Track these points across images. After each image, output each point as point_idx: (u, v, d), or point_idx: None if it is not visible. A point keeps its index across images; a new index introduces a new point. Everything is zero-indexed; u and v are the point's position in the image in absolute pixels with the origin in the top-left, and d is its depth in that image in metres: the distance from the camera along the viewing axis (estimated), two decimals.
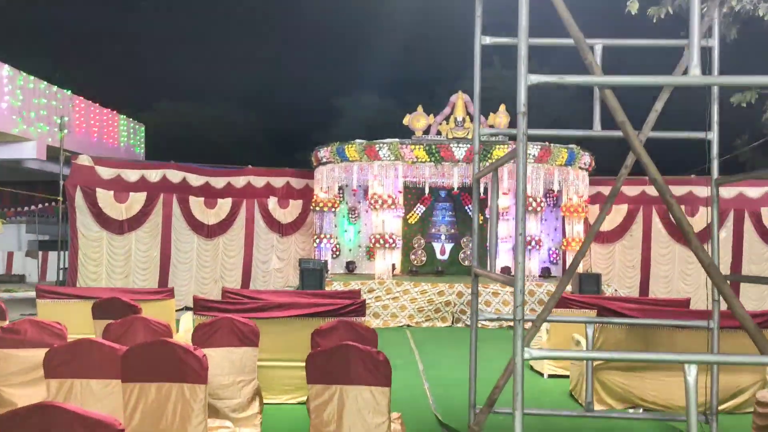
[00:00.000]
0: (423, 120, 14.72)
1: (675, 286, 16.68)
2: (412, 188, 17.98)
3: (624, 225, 17.06)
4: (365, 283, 14.23)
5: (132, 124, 18.16)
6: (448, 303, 14.14)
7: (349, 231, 17.98)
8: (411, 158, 14.12)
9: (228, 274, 16.67)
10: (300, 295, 8.67)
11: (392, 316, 14.08)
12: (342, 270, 17.48)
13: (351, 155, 14.45)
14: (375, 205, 14.36)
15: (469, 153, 13.99)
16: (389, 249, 14.52)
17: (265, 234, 17.06)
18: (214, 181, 16.64)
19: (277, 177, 17.34)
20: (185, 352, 3.65)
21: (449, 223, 18.06)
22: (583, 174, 15.26)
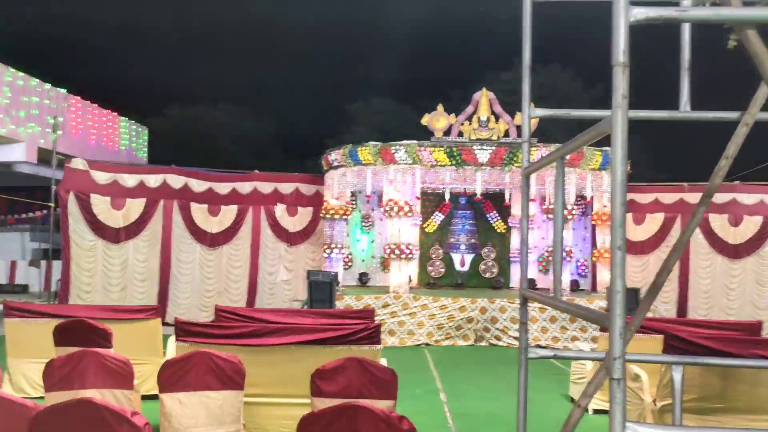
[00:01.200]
0: (444, 120, 13.54)
1: (717, 302, 15.31)
2: (430, 194, 16.82)
3: (660, 235, 15.73)
4: (379, 297, 13.04)
5: (134, 127, 17.17)
6: (470, 320, 12.91)
7: (362, 240, 16.82)
8: (430, 161, 12.94)
9: (233, 286, 15.54)
10: (304, 314, 7.50)
11: (409, 334, 12.87)
12: (354, 282, 16.32)
13: (365, 158, 13.30)
14: (390, 213, 13.18)
15: (494, 156, 12.79)
16: (405, 260, 13.32)
17: (272, 243, 15.94)
18: (218, 187, 15.55)
19: (285, 183, 16.22)
20: (118, 419, 2.50)
21: (469, 232, 16.84)
22: None
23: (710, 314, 15.30)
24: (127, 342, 7.45)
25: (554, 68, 27.91)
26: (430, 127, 13.65)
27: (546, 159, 3.49)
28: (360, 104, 32.30)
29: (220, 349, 5.70)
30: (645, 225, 15.87)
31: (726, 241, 15.14)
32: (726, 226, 15.18)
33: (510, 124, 13.69)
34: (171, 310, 14.81)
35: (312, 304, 12.36)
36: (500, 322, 12.85)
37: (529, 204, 3.79)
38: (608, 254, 14.31)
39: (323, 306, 12.32)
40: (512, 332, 12.79)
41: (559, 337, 12.77)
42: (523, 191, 3.94)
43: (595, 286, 16.35)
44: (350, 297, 13.04)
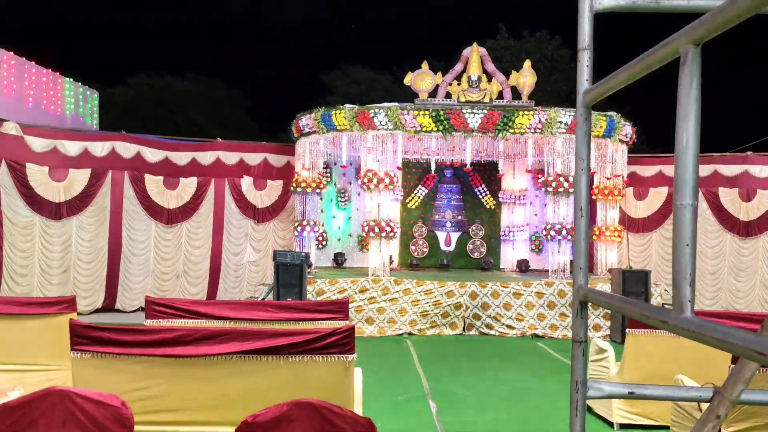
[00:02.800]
0: (429, 79, 11.93)
1: (725, 284, 14.05)
2: (412, 166, 15.28)
3: (663, 211, 14.38)
4: (356, 280, 11.52)
5: (81, 89, 15.30)
6: (458, 306, 11.47)
7: (338, 217, 15.25)
8: (413, 126, 11.36)
9: (193, 268, 13.92)
10: (262, 308, 5.94)
11: (389, 322, 11.41)
12: (329, 263, 14.79)
13: (339, 123, 11.69)
14: (369, 185, 11.62)
15: (486, 121, 11.25)
16: (386, 238, 11.80)
17: (237, 220, 14.31)
18: (176, 157, 13.85)
19: (252, 153, 14.56)
20: None
21: (456, 208, 15.35)
22: (623, 149, 12.55)
23: (718, 297, 14.06)
24: (34, 343, 5.88)
25: (541, 36, 26.34)
26: (414, 87, 12.04)
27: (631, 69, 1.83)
28: (335, 74, 30.47)
29: (133, 363, 4.14)
30: (648, 200, 14.51)
31: (737, 218, 13.84)
32: (737, 200, 13.86)
33: (504, 84, 12.13)
34: (122, 295, 13.17)
35: (279, 289, 10.82)
36: (492, 309, 11.43)
37: (588, 146, 2.20)
38: (609, 232, 12.94)
39: (291, 292, 10.80)
40: (505, 320, 11.39)
41: (558, 324, 11.39)
42: (579, 129, 2.36)
43: (591, 266, 15.01)
44: (323, 281, 11.51)
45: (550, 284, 11.49)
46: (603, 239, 13.10)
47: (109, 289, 13.01)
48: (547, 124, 11.23)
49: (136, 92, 31.16)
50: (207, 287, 14.01)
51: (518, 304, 11.47)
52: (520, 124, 11.25)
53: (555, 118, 11.22)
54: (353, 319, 11.36)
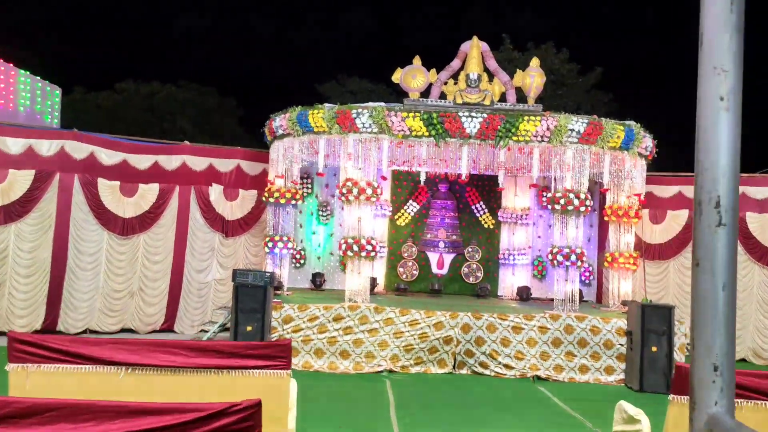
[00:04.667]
0: (421, 76, 10.39)
1: (752, 320, 12.41)
2: (403, 178, 13.72)
3: (683, 237, 12.79)
4: (330, 307, 9.90)
5: (40, 84, 13.79)
6: (448, 340, 9.83)
7: (319, 233, 13.67)
8: (401, 130, 9.81)
9: (150, 285, 12.28)
10: (170, 351, 4.33)
11: (367, 357, 9.77)
12: (307, 284, 13.19)
13: (317, 124, 10.15)
14: (348, 197, 10.04)
15: (486, 126, 9.70)
16: (367, 259, 10.20)
17: (203, 233, 12.70)
18: (136, 160, 12.28)
19: (223, 158, 13.01)
20: None
21: (450, 226, 13.77)
22: (642, 164, 10.98)
23: (743, 336, 12.41)
24: None
25: (547, 49, 24.90)
26: (404, 85, 10.51)
27: None
28: (330, 85, 29.03)
29: None
30: (665, 224, 12.92)
31: (766, 246, 12.23)
32: (767, 227, 12.27)
33: (508, 85, 10.60)
34: (65, 315, 11.54)
35: (238, 315, 9.20)
36: (487, 344, 9.79)
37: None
38: (624, 259, 11.34)
39: (252, 318, 9.20)
40: (502, 358, 9.74)
41: (564, 365, 9.74)
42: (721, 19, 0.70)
43: (600, 296, 13.40)
44: (292, 306, 9.89)
45: (556, 317, 9.86)
46: (616, 267, 11.48)
47: (50, 308, 11.37)
48: (556, 132, 9.68)
49: (123, 97, 29.80)
50: (165, 308, 12.37)
51: (518, 340, 9.83)
52: (524, 131, 9.70)
53: (565, 125, 9.67)
54: (325, 353, 9.73)
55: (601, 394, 9.00)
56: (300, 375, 9.25)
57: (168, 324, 12.45)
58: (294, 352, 9.71)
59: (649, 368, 9.12)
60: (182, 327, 12.45)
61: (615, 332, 9.76)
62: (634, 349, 9.36)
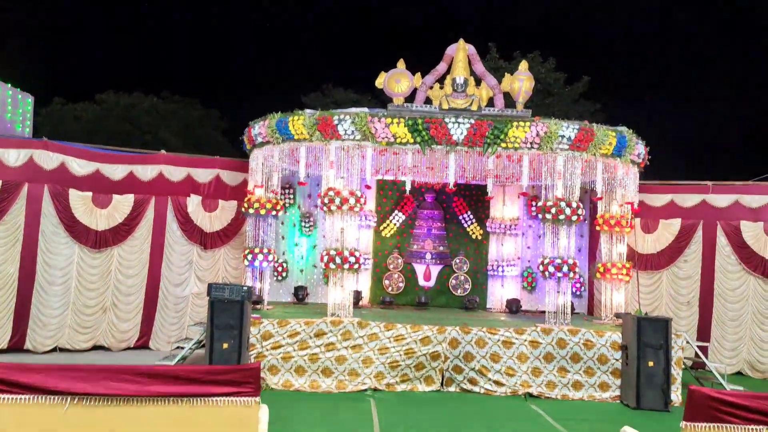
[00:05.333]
0: (405, 81, 9.99)
1: (748, 332, 12.07)
2: (389, 188, 13.31)
3: (676, 246, 12.46)
4: (311, 322, 9.43)
5: (11, 92, 13.25)
6: (436, 355, 9.38)
7: (302, 245, 13.21)
8: (385, 137, 9.40)
9: (123, 300, 11.75)
10: (124, 378, 3.85)
11: (351, 375, 9.29)
12: (289, 298, 12.72)
13: (297, 132, 9.72)
14: (330, 206, 9.60)
15: (473, 132, 9.32)
16: (350, 271, 9.74)
17: (181, 246, 12.21)
18: (109, 170, 11.79)
19: (202, 168, 12.55)
20: None
21: (437, 237, 13.36)
22: (634, 171, 10.64)
23: (739, 348, 12.07)
24: None
25: (534, 58, 24.67)
26: (387, 90, 10.10)
27: None
28: (315, 96, 28.67)
29: None
30: (657, 234, 12.59)
31: (762, 256, 11.92)
32: (761, 236, 11.96)
33: (496, 89, 10.23)
34: (33, 332, 10.98)
35: (213, 332, 8.70)
36: (476, 360, 9.35)
37: None
38: (616, 270, 10.97)
39: (229, 335, 8.71)
40: (492, 374, 9.30)
41: (557, 381, 9.31)
42: None
43: (591, 308, 13.03)
44: (271, 321, 9.40)
45: (548, 331, 9.44)
46: (609, 278, 11.11)
47: (17, 325, 10.81)
48: (546, 138, 9.31)
49: (102, 109, 29.20)
50: (140, 323, 11.84)
51: (508, 355, 9.39)
52: (513, 138, 9.32)
53: (556, 131, 9.31)
54: (306, 370, 9.25)
55: (596, 413, 8.58)
56: (279, 395, 8.79)
57: (143, 340, 11.91)
58: (273, 371, 9.24)
59: (646, 384, 8.71)
60: (158, 343, 11.91)
61: (609, 346, 9.36)
62: (630, 364, 8.96)
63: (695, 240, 12.37)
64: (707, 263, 12.31)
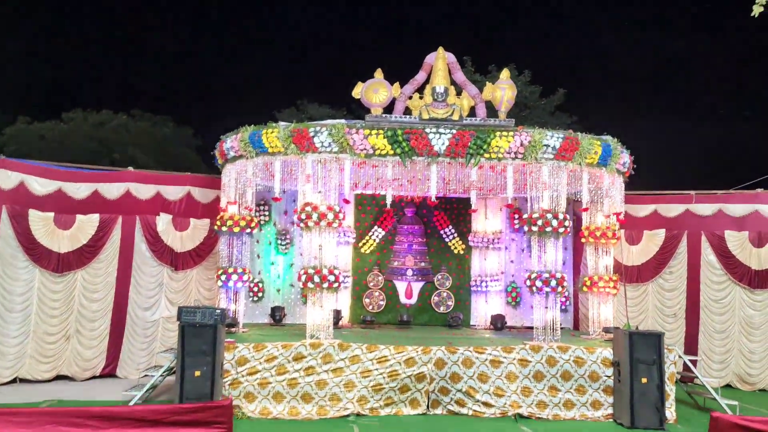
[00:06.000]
0: (384, 91, 9.62)
1: (736, 344, 11.83)
2: (367, 202, 12.91)
3: (661, 257, 12.23)
4: (289, 345, 8.92)
5: None
6: (421, 377, 8.92)
7: (278, 263, 12.70)
8: (364, 149, 9.00)
9: (88, 326, 11.11)
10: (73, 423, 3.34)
11: (332, 400, 8.78)
12: (266, 319, 12.18)
13: (271, 145, 9.27)
14: (307, 222, 9.14)
15: (455, 143, 8.97)
16: (329, 290, 9.27)
17: (150, 267, 11.62)
18: (72, 189, 11.20)
19: (172, 185, 12.01)
20: None
21: (418, 253, 12.95)
22: (620, 181, 10.39)
23: (728, 360, 11.82)
24: None
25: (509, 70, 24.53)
26: (365, 101, 9.72)
27: None
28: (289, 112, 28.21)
29: None
30: (642, 245, 12.36)
31: (747, 266, 11.73)
32: (746, 245, 11.78)
33: (477, 98, 9.91)
34: None
35: (184, 359, 8.15)
36: (464, 381, 8.91)
37: None
38: (603, 282, 10.67)
39: (201, 362, 8.18)
40: (481, 395, 8.87)
41: (548, 401, 8.91)
42: None
43: (577, 323, 12.70)
44: (247, 345, 8.87)
45: (537, 349, 9.06)
46: (596, 291, 10.80)
47: None
48: (530, 148, 9.00)
49: (69, 127, 28.38)
50: (106, 350, 11.20)
51: (497, 375, 8.98)
52: (497, 148, 8.99)
53: (540, 140, 9.00)
54: (285, 396, 8.73)
55: None
56: (257, 424, 8.24)
57: (110, 368, 11.27)
58: (250, 398, 8.71)
59: (640, 401, 8.35)
60: (126, 371, 11.27)
61: (601, 363, 9.00)
62: (623, 381, 8.61)
63: (680, 251, 12.15)
64: (692, 274, 12.09)
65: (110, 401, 9.28)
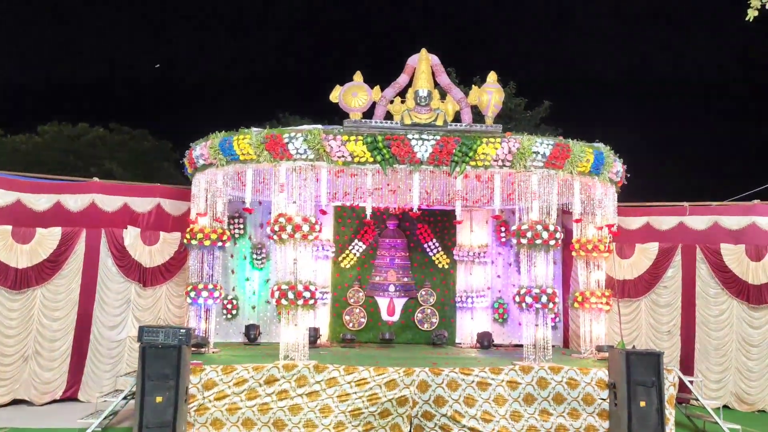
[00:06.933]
0: (363, 94, 9.07)
1: (733, 362, 11.31)
2: (347, 215, 12.34)
3: (654, 272, 11.71)
4: (260, 367, 8.26)
5: None
6: (403, 401, 8.29)
7: (254, 279, 12.06)
8: (342, 156, 8.42)
9: (48, 347, 10.36)
10: None
11: (307, 426, 8.12)
12: (240, 338, 11.51)
13: (243, 152, 8.67)
14: (280, 235, 8.52)
15: (439, 150, 8.42)
16: (305, 308, 8.63)
17: (116, 284, 10.91)
18: (32, 200, 10.52)
19: (141, 197, 11.34)
20: None
21: (400, 267, 12.39)
22: (613, 191, 9.89)
23: (725, 379, 11.29)
24: None
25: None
26: (343, 105, 9.16)
27: None
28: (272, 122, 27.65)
29: None
30: (634, 259, 11.83)
31: (744, 281, 11.25)
32: (743, 259, 11.30)
33: (462, 102, 9.40)
34: None
35: (144, 384, 7.47)
36: (449, 405, 8.29)
37: None
38: (596, 298, 10.13)
39: (164, 387, 7.50)
40: (467, 420, 8.24)
41: (539, 426, 8.30)
42: None
43: (567, 341, 12.15)
44: (215, 368, 8.20)
45: (527, 370, 8.47)
46: (587, 307, 10.25)
47: None
48: (519, 155, 8.47)
49: (44, 140, 27.62)
50: (68, 372, 10.45)
51: (484, 398, 8.36)
52: (483, 155, 8.45)
53: (529, 147, 8.48)
54: (256, 423, 8.06)
55: None
56: None
57: (71, 391, 10.51)
58: (217, 425, 8.04)
59: (638, 427, 7.78)
60: (89, 394, 10.50)
61: (595, 385, 8.42)
62: (620, 405, 8.03)
63: (674, 265, 11.65)
64: (687, 290, 11.58)
65: (67, 429, 8.61)
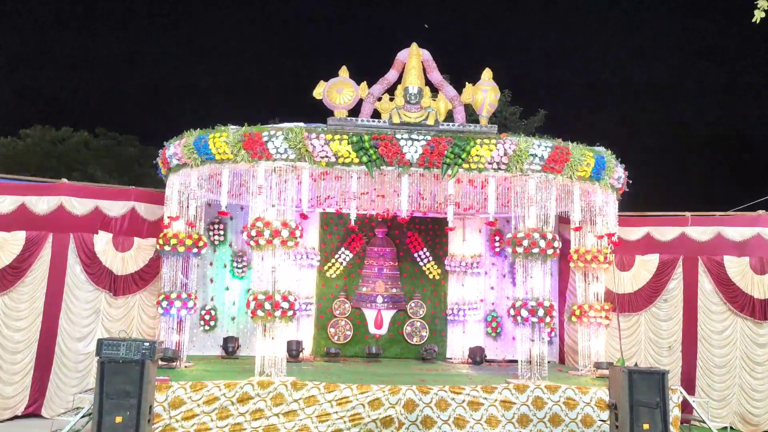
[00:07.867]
0: (349, 91, 8.50)
1: (737, 380, 10.73)
2: (333, 222, 11.73)
3: (655, 285, 11.14)
4: (233, 384, 7.61)
5: None
6: (388, 421, 7.66)
7: (233, 289, 11.42)
8: (325, 156, 7.83)
9: (9, 359, 9.66)
10: None
11: None
12: (218, 351, 10.85)
13: (219, 151, 8.07)
14: (258, 240, 7.90)
15: (429, 151, 7.84)
16: (283, 319, 8.00)
17: (85, 292, 10.24)
18: None
19: (113, 200, 10.69)
20: None
21: (389, 278, 11.80)
22: (614, 198, 9.34)
23: (729, 398, 10.71)
24: None
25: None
26: (328, 102, 8.58)
27: None
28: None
29: None
30: (634, 271, 11.25)
31: (749, 295, 10.69)
32: (747, 272, 10.75)
33: (455, 101, 8.84)
34: None
35: (102, 403, 6.78)
36: (438, 425, 7.67)
37: None
38: (595, 312, 9.55)
39: (124, 406, 6.80)
40: None
41: None
42: None
43: (563, 356, 11.56)
44: (183, 385, 7.55)
45: (522, 389, 7.86)
46: (586, 322, 9.67)
47: None
48: (515, 157, 7.92)
49: (26, 144, 26.93)
50: (30, 386, 9.74)
51: (476, 419, 7.75)
52: (477, 157, 7.88)
53: (526, 149, 7.93)
54: None
55: None
56: None
57: (34, 407, 9.79)
58: None
59: None
60: (53, 410, 9.79)
61: (595, 405, 7.83)
62: (621, 427, 7.40)
63: (675, 277, 11.08)
64: (689, 304, 11.00)
65: None
